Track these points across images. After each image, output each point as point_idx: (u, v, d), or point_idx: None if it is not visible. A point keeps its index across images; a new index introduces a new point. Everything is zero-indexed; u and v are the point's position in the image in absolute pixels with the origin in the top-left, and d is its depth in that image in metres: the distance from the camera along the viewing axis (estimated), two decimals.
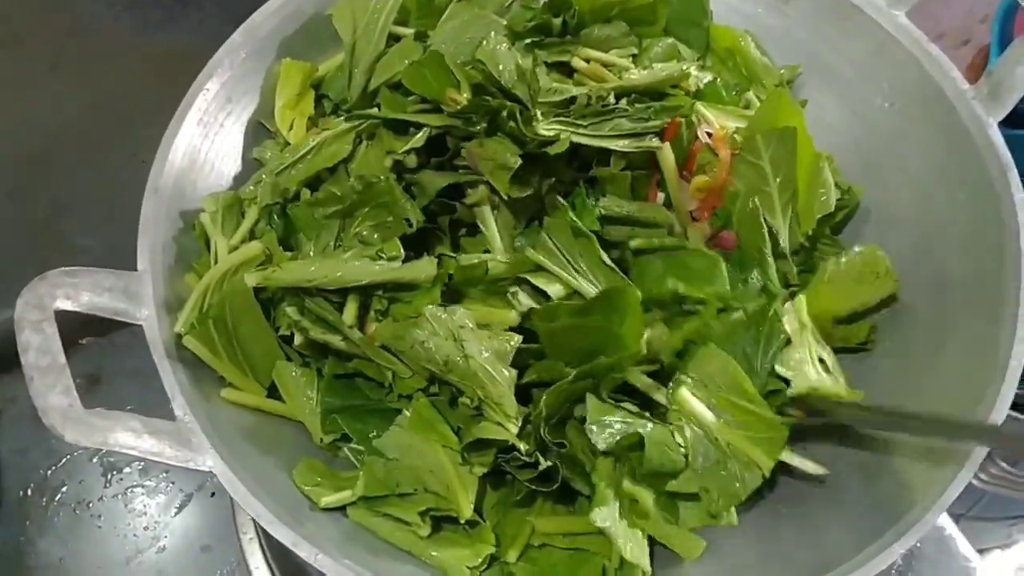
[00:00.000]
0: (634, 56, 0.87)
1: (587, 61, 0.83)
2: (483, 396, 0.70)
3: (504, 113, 0.73)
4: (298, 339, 0.74)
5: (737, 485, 0.68)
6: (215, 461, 0.65)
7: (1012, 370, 0.67)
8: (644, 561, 0.69)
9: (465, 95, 0.76)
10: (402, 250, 0.72)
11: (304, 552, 0.62)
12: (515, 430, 0.69)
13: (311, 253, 0.76)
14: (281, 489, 0.69)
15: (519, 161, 0.72)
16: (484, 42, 0.77)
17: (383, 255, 0.72)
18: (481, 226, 0.77)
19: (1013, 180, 0.73)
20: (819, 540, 0.68)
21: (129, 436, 0.63)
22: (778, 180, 0.78)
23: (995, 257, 0.72)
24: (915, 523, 0.63)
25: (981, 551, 1.65)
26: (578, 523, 0.72)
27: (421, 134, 0.76)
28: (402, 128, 0.78)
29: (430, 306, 0.69)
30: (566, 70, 0.84)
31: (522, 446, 0.69)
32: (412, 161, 0.77)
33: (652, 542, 0.71)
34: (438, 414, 0.73)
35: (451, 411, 0.73)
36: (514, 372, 0.69)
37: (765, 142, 0.77)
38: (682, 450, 0.69)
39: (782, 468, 0.74)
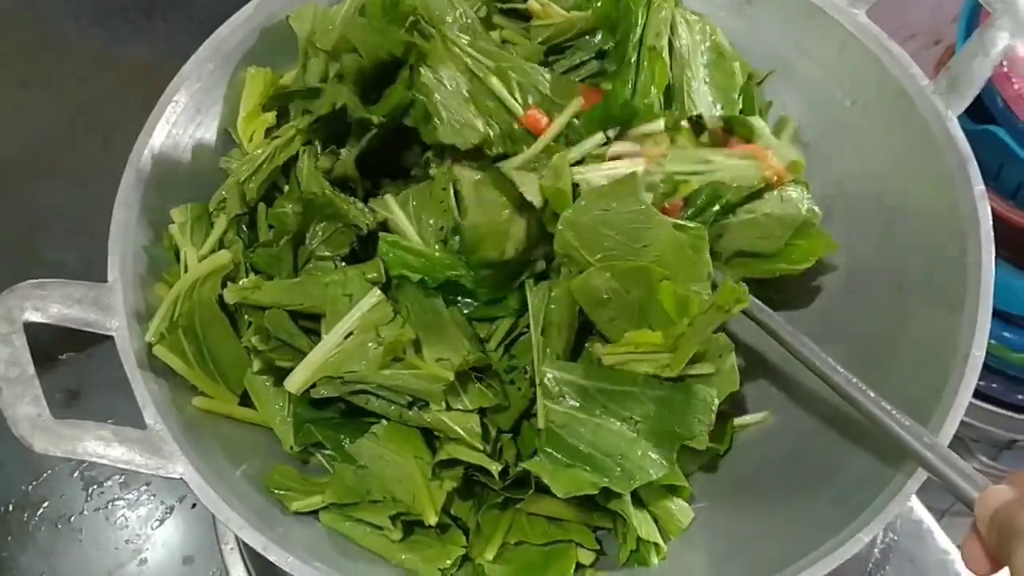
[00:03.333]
0: None
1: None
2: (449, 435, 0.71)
3: None
4: (256, 364, 0.75)
5: None
6: (185, 468, 0.65)
7: (974, 359, 0.68)
8: (658, 537, 0.71)
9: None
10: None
11: (274, 556, 0.63)
12: (486, 459, 0.70)
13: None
14: (253, 495, 0.70)
15: None
16: None
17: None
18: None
19: (973, 172, 0.74)
20: (785, 532, 0.69)
21: (99, 445, 0.63)
22: None
23: (956, 247, 0.73)
24: (879, 512, 0.64)
25: None
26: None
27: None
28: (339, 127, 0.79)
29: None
30: (523, 17, 0.87)
31: (494, 468, 0.70)
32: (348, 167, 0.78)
33: None
34: (413, 427, 0.73)
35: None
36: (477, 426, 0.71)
37: None
38: None
39: (747, 466, 0.76)
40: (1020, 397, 1.21)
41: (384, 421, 0.72)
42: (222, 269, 0.74)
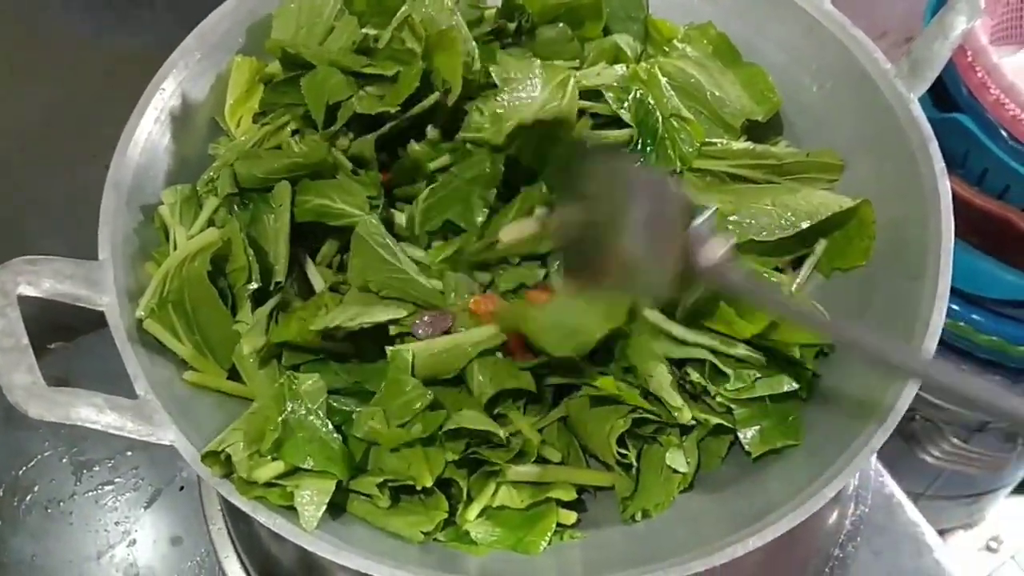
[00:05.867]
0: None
1: None
2: None
3: None
4: (247, 347, 0.76)
5: None
6: (176, 435, 0.67)
7: (933, 324, 0.71)
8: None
9: None
10: None
11: (263, 517, 0.65)
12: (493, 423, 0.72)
13: None
14: None
15: None
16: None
17: None
18: None
19: (934, 151, 0.77)
20: (757, 491, 0.72)
21: (92, 411, 0.65)
22: None
23: (919, 220, 0.76)
24: (841, 471, 0.66)
25: (944, 532, 1.69)
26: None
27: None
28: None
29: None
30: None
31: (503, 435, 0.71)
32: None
33: None
34: None
35: None
36: None
37: None
38: None
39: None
40: (990, 378, 1.24)
41: None
42: (211, 246, 0.76)
